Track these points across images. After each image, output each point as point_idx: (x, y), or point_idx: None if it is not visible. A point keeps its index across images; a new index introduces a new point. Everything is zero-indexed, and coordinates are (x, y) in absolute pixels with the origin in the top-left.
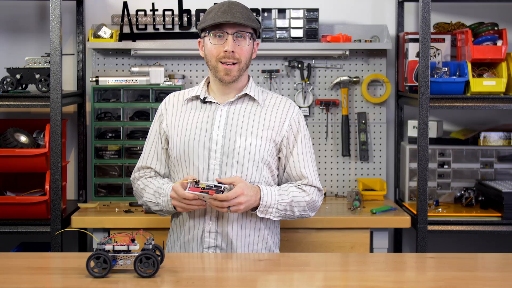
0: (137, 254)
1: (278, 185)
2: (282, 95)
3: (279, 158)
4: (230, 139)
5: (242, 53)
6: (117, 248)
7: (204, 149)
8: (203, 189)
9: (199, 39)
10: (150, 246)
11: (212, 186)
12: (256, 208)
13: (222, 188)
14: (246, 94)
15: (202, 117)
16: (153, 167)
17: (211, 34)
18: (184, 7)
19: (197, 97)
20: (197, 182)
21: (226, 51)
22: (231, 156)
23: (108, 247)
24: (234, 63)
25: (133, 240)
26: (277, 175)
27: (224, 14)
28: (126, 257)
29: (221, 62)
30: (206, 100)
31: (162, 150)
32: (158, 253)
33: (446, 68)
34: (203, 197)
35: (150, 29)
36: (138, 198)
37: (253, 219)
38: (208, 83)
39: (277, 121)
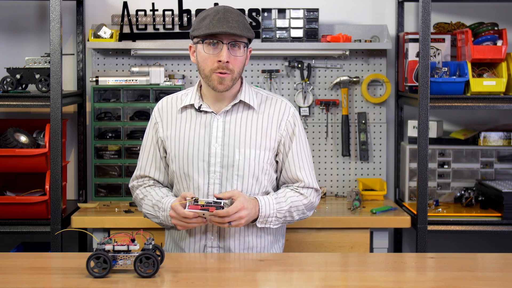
0: (137, 254)
1: (277, 187)
2: (282, 95)
3: (276, 161)
4: (229, 152)
5: (236, 63)
6: (117, 248)
7: (204, 163)
8: (203, 206)
9: (190, 44)
10: (150, 246)
11: (211, 203)
12: (255, 219)
13: (222, 204)
14: (241, 101)
15: (198, 128)
16: (152, 176)
17: (205, 42)
18: (184, 7)
19: (191, 105)
20: (196, 200)
21: (220, 61)
22: (231, 169)
23: (108, 247)
24: (227, 73)
25: (133, 240)
26: (276, 178)
27: (220, 23)
28: (126, 257)
29: (214, 72)
30: (200, 109)
31: (161, 159)
32: (158, 253)
33: (446, 68)
34: (203, 214)
35: (150, 29)
36: (138, 207)
37: (254, 231)
38: (201, 86)
39: (274, 127)
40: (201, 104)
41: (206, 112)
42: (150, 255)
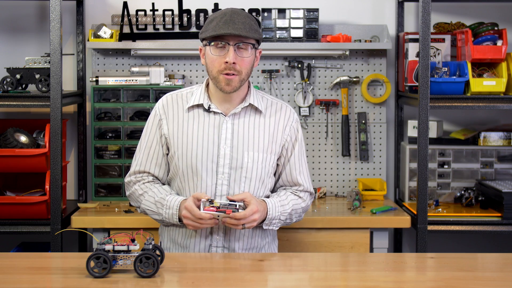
0: (137, 254)
1: (273, 190)
2: (283, 95)
3: (277, 165)
4: (237, 154)
5: (243, 64)
6: (117, 248)
7: (213, 163)
8: (218, 208)
9: (200, 46)
10: (150, 246)
11: (226, 205)
12: (262, 221)
13: (237, 206)
14: (249, 104)
15: (208, 129)
16: (152, 172)
17: (212, 44)
18: (184, 7)
19: (199, 105)
20: (211, 201)
21: (227, 62)
22: (239, 171)
23: (108, 247)
24: (235, 74)
25: (133, 240)
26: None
27: (226, 25)
28: (126, 257)
29: (222, 73)
30: (210, 109)
31: (163, 156)
32: (158, 253)
33: (446, 68)
34: (218, 216)
35: (150, 29)
36: (134, 202)
37: (259, 232)
38: (207, 85)
39: (279, 132)
40: (210, 105)
41: (215, 113)
42: (150, 255)
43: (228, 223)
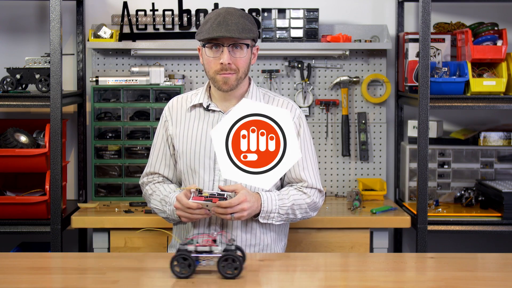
0: (221, 255)
1: (281, 186)
2: (283, 94)
3: None
4: None
5: (239, 63)
6: (199, 249)
7: (210, 160)
8: (206, 197)
9: (198, 46)
10: (233, 247)
11: (215, 194)
12: (257, 214)
13: (225, 196)
14: None
15: (206, 127)
16: (161, 173)
17: (207, 46)
18: (184, 7)
19: (200, 104)
20: (200, 191)
21: (222, 63)
22: None
23: (191, 248)
24: (231, 73)
25: (214, 241)
26: (280, 178)
27: (219, 27)
28: (208, 258)
29: (218, 74)
30: (209, 108)
31: (171, 156)
32: (240, 254)
33: (446, 68)
34: (207, 206)
35: (150, 29)
36: (147, 202)
37: (257, 227)
38: (210, 86)
39: None
40: (209, 104)
41: (214, 111)
42: (234, 257)
43: (217, 213)
